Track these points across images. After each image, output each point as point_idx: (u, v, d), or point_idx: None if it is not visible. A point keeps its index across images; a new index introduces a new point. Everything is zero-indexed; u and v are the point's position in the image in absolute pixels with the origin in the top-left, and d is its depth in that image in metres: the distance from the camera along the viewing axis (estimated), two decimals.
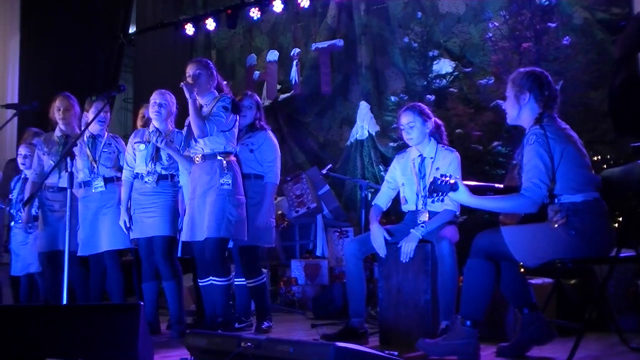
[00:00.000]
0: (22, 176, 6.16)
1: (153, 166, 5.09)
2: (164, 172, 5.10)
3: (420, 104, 4.70)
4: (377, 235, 4.44)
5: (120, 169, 5.34)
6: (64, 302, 4.24)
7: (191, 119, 4.61)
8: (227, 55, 9.68)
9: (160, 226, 5.02)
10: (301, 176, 7.17)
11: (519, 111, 3.68)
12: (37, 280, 6.11)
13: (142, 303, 3.09)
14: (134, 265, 5.57)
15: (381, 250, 4.42)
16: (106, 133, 5.46)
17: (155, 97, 5.14)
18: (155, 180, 5.07)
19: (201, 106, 4.81)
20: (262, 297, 5.19)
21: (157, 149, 5.07)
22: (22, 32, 9.27)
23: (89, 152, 5.34)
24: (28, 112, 6.05)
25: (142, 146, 5.14)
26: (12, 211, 6.30)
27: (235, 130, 4.88)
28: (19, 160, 6.07)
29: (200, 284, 4.81)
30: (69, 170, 4.48)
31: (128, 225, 5.10)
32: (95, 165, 5.32)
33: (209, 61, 4.97)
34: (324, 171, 6.36)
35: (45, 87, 8.35)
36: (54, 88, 6.30)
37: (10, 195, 6.37)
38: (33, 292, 6.28)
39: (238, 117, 4.89)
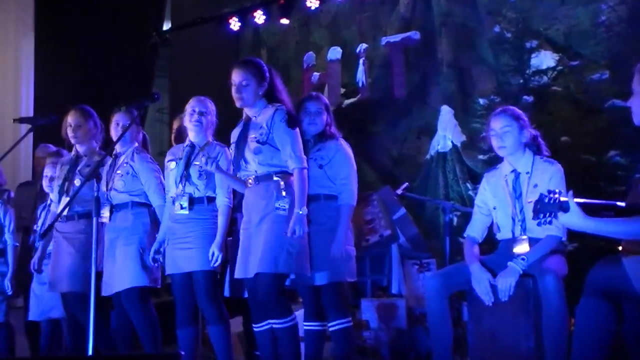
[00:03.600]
0: (48, 202, 6.24)
1: (183, 187, 5.12)
2: (197, 194, 5.10)
3: (515, 108, 4.67)
4: (481, 279, 4.38)
5: (139, 193, 5.39)
6: (90, 352, 4.29)
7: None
8: (280, 54, 9.73)
9: (201, 259, 4.99)
10: (371, 198, 7.13)
11: None
12: (62, 326, 6.17)
13: (182, 353, 3.12)
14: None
15: (486, 297, 4.35)
16: (129, 149, 5.50)
17: (193, 105, 5.19)
18: (188, 203, 5.08)
19: (249, 118, 4.83)
20: (349, 344, 5.07)
21: (187, 166, 5.11)
22: (36, 32, 9.46)
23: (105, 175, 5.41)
24: (45, 127, 6.14)
25: (173, 164, 5.19)
26: (37, 244, 6.24)
27: None
28: (44, 183, 6.16)
29: (255, 329, 4.76)
30: (95, 194, 4.56)
31: (156, 262, 5.13)
32: (105, 191, 5.39)
33: (259, 62, 4.93)
34: (399, 191, 6.34)
35: (64, 97, 8.50)
36: (74, 98, 6.41)
37: (35, 225, 6.40)
38: (55, 340, 6.34)
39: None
